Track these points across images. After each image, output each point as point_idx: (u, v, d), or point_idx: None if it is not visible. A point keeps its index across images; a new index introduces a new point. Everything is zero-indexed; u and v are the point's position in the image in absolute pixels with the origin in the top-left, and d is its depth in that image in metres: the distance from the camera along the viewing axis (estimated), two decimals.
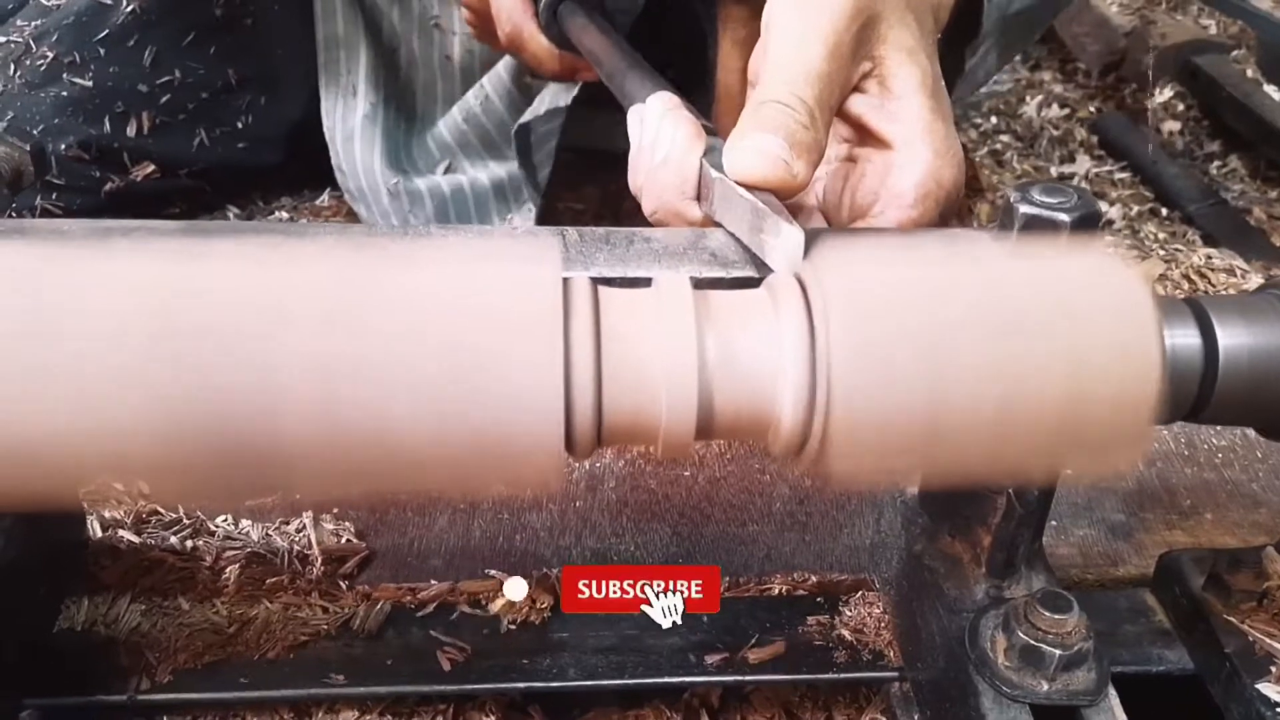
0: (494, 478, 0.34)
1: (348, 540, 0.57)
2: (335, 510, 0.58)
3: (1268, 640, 0.47)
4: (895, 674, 0.52)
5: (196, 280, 0.33)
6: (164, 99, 0.99)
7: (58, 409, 0.31)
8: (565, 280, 0.35)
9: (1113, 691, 0.42)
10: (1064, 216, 0.39)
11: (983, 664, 0.43)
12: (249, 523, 0.57)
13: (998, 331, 0.33)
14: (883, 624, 0.54)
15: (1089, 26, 1.50)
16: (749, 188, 0.45)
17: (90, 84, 0.96)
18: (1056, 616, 0.42)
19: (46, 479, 0.33)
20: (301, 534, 0.57)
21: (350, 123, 1.04)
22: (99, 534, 0.56)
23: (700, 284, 0.36)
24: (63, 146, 0.95)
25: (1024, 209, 0.40)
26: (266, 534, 0.57)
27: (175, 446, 0.32)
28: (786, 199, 0.45)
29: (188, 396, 0.31)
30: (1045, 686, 0.42)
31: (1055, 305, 0.34)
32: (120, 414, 0.31)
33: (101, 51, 0.96)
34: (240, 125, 1.05)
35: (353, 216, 1.07)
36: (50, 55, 0.94)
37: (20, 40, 0.95)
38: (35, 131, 0.94)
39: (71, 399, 0.31)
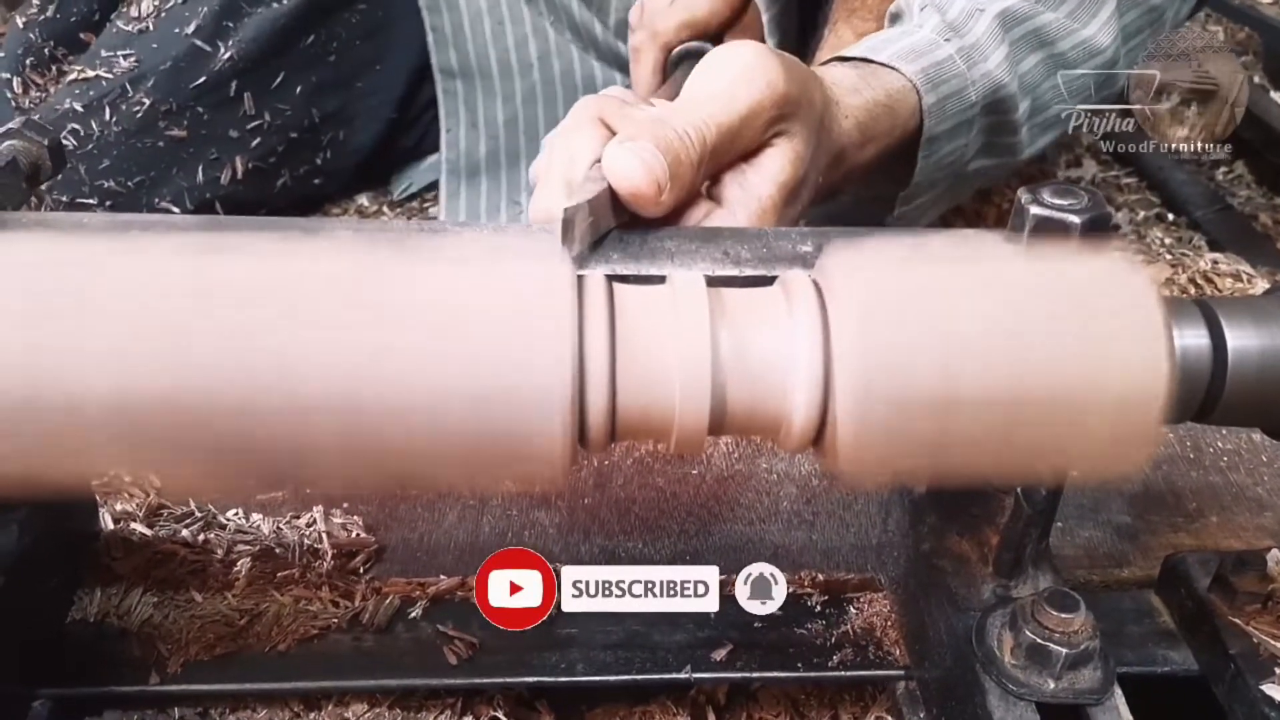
0: (506, 472, 0.34)
1: (358, 535, 0.57)
2: (346, 505, 0.59)
3: (1272, 642, 0.47)
4: (901, 672, 0.52)
5: (216, 272, 0.33)
6: (254, 143, 0.99)
7: (77, 397, 0.31)
8: (581, 277, 0.35)
9: (1118, 690, 0.42)
10: (1074, 218, 0.40)
11: (989, 662, 0.43)
12: (260, 516, 0.58)
13: (1008, 332, 0.34)
14: (889, 622, 0.54)
15: None
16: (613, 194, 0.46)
17: (185, 133, 0.95)
18: (1063, 615, 0.42)
19: (63, 466, 0.34)
20: (312, 528, 0.57)
21: (475, 157, 1.04)
22: (111, 526, 0.56)
23: (714, 282, 0.37)
24: (156, 200, 0.94)
25: (1035, 210, 0.40)
26: (278, 528, 0.57)
27: (193, 437, 0.32)
28: (640, 212, 0.47)
29: (205, 388, 0.31)
30: (1051, 685, 0.42)
31: (1065, 307, 0.34)
32: (139, 404, 0.32)
33: (197, 98, 0.95)
34: (319, 161, 1.05)
35: None
36: (147, 102, 0.93)
37: (111, 77, 0.93)
38: (131, 184, 0.93)
39: (90, 387, 0.31)
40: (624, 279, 0.39)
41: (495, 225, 0.49)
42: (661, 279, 0.37)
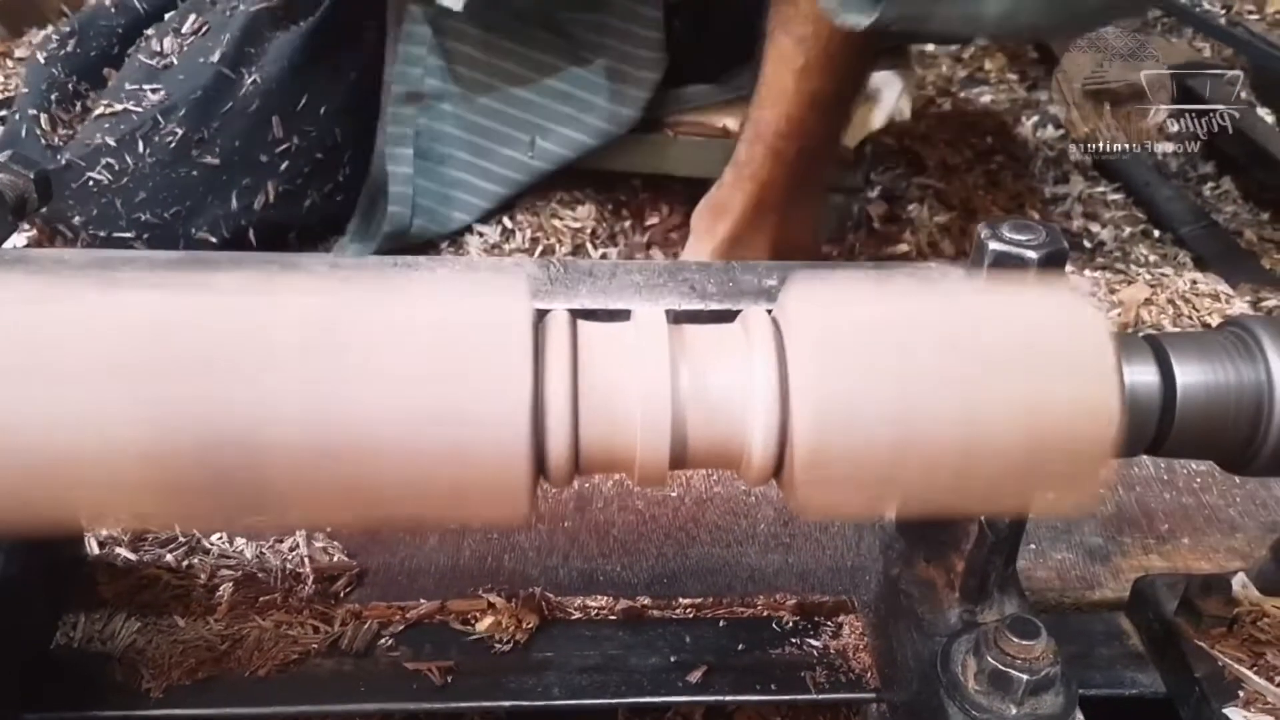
0: (470, 507, 0.35)
1: (339, 559, 0.58)
2: (328, 530, 0.60)
3: (1236, 666, 0.48)
4: (872, 695, 0.53)
5: (190, 312, 0.34)
6: (284, 166, 1.00)
7: (54, 437, 0.32)
8: (544, 313, 0.36)
9: (1079, 715, 0.43)
10: (1032, 254, 0.40)
11: (954, 688, 0.44)
12: (243, 541, 0.58)
13: (963, 369, 0.34)
14: (862, 646, 0.55)
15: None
16: None
17: (218, 160, 0.96)
18: (1024, 642, 0.42)
19: (43, 506, 0.34)
20: (295, 552, 0.58)
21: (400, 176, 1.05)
22: (96, 551, 0.57)
23: (678, 317, 0.38)
24: (193, 230, 0.95)
25: (993, 246, 0.41)
26: (260, 552, 0.58)
27: (168, 474, 0.33)
28: None
29: (179, 426, 0.32)
30: (1014, 710, 0.42)
31: (1019, 344, 0.35)
32: (115, 442, 0.32)
33: (227, 125, 0.96)
34: (341, 179, 1.06)
35: None
36: (179, 132, 0.94)
37: (142, 111, 0.94)
38: (168, 215, 0.94)
39: (68, 427, 0.32)
40: (590, 314, 0.40)
41: (468, 260, 0.50)
42: (627, 314, 0.38)
